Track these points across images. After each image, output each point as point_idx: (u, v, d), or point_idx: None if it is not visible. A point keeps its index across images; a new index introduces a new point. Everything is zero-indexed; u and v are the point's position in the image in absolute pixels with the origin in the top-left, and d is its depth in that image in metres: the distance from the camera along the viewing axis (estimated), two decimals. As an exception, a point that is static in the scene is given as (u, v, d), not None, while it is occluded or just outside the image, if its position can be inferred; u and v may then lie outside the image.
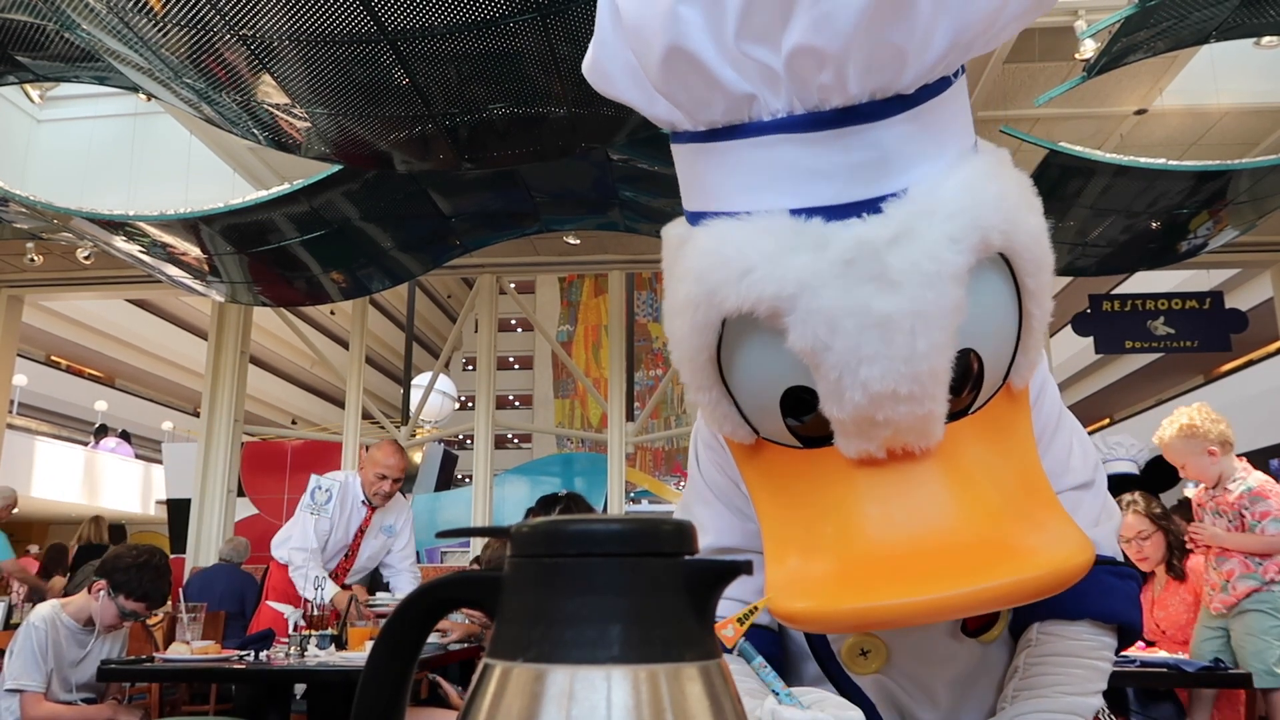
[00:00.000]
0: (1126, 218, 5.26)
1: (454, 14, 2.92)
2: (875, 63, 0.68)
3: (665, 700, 0.42)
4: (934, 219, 0.71)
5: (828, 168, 0.72)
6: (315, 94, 3.38)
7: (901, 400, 0.73)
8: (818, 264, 0.70)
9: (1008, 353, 0.81)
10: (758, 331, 0.76)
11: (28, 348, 15.06)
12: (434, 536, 4.12)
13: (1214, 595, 3.40)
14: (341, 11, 2.85)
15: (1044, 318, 0.82)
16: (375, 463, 3.90)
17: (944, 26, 0.68)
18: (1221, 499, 3.41)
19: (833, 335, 0.71)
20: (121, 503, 16.26)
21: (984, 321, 0.77)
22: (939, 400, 0.75)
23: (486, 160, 4.09)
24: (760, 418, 0.83)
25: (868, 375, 0.71)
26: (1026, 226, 0.77)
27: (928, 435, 0.77)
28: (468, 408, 13.34)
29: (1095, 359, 15.34)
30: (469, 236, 5.88)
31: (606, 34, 0.76)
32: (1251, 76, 5.97)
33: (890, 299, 0.70)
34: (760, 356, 0.78)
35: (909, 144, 0.72)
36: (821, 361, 0.72)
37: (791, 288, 0.71)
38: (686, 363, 0.82)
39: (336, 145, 3.89)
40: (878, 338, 0.70)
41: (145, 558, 2.98)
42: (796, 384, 0.77)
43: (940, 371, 0.73)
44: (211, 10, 2.84)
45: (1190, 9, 3.80)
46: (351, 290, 6.62)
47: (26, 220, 5.38)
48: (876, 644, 0.95)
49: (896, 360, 0.71)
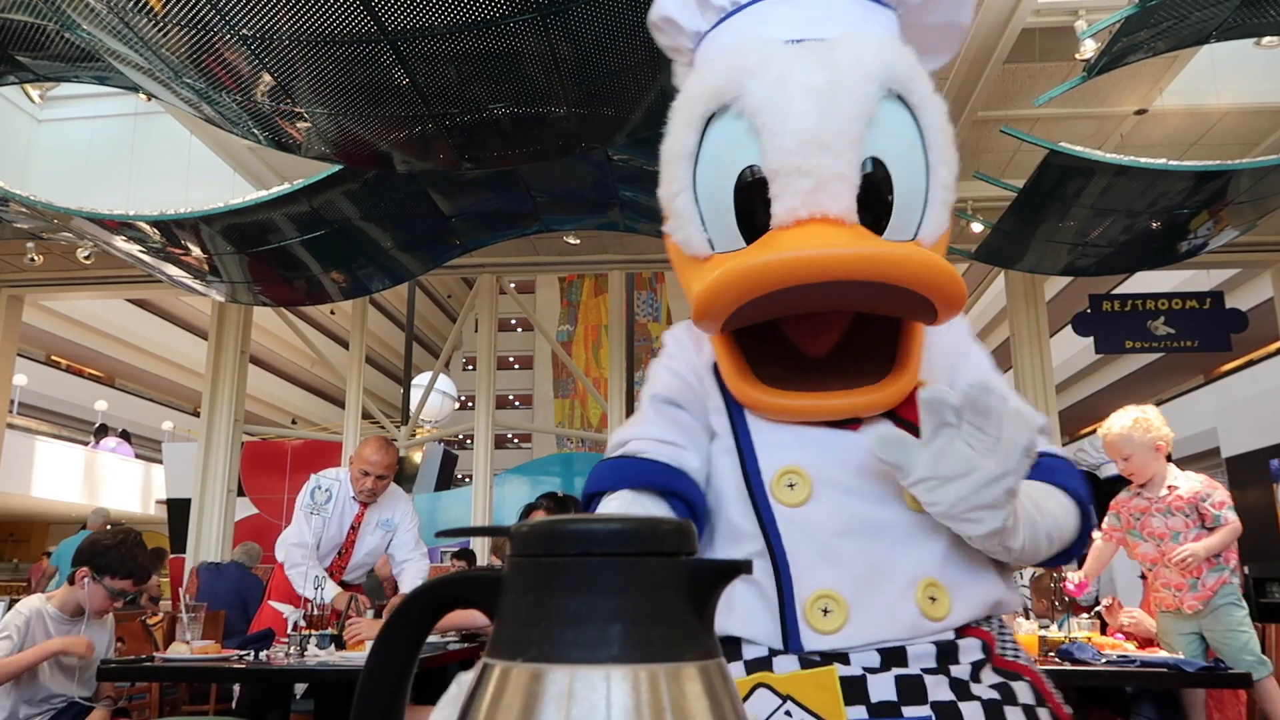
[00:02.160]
0: (1127, 218, 5.26)
1: (454, 14, 2.92)
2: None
3: (665, 700, 0.42)
4: (863, 44, 1.02)
5: (797, 18, 1.06)
6: (315, 94, 3.38)
7: (822, 148, 0.96)
8: (781, 52, 1.02)
9: (917, 196, 1.03)
10: (727, 130, 1.02)
11: (28, 348, 15.06)
12: (434, 536, 4.13)
13: (1182, 595, 3.40)
14: (341, 11, 2.85)
15: (948, 181, 1.05)
16: (360, 459, 3.87)
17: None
18: (1169, 499, 3.43)
19: (781, 93, 0.98)
20: (121, 503, 16.26)
21: (891, 140, 1.01)
22: (848, 161, 0.97)
23: (486, 160, 4.09)
24: (716, 218, 1.04)
25: (799, 125, 0.97)
26: (922, 84, 1.04)
27: (840, 198, 0.97)
28: (468, 408, 13.35)
29: (1095, 359, 15.34)
30: (469, 236, 5.88)
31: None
32: (1251, 76, 5.97)
33: (823, 75, 0.98)
34: (724, 144, 1.03)
35: (848, 12, 1.07)
36: (769, 118, 0.98)
37: (761, 63, 1.00)
38: (672, 161, 1.06)
39: (336, 145, 3.89)
40: (810, 98, 0.97)
41: (122, 536, 3.01)
42: (749, 163, 1.00)
43: (851, 134, 0.97)
44: (211, 10, 2.84)
45: (1190, 9, 3.80)
46: (351, 290, 6.63)
47: (26, 220, 5.39)
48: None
49: (821, 115, 0.97)
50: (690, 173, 1.05)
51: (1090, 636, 3.16)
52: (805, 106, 0.97)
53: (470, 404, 9.18)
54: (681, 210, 1.06)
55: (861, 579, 0.99)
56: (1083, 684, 3.10)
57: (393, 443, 4.07)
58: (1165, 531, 3.43)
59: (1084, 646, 2.93)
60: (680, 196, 1.06)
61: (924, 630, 0.98)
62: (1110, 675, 2.84)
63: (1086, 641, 3.01)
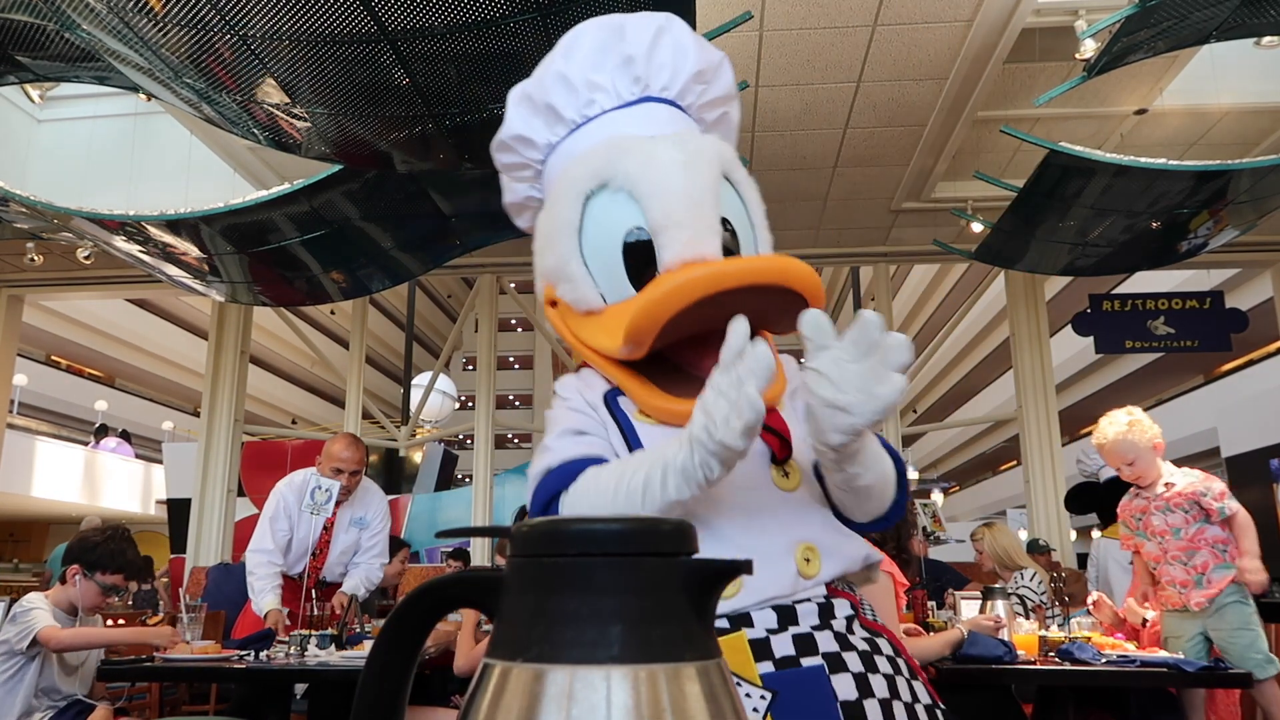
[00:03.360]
0: (1127, 218, 5.26)
1: (454, 14, 2.92)
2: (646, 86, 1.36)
3: (664, 700, 0.42)
4: (700, 138, 1.30)
5: (639, 122, 1.31)
6: (315, 94, 3.38)
7: (695, 205, 1.19)
8: (645, 140, 1.25)
9: (750, 250, 1.28)
10: (608, 201, 1.23)
11: (28, 348, 15.07)
12: (434, 536, 4.12)
13: (1188, 593, 3.37)
14: (341, 11, 2.85)
15: (766, 236, 1.31)
16: (331, 457, 3.81)
17: (665, 75, 1.35)
18: (1167, 496, 3.41)
19: (655, 166, 1.21)
20: (121, 503, 16.26)
21: (730, 207, 1.26)
22: (713, 215, 1.21)
23: (486, 160, 4.07)
24: (606, 274, 1.23)
25: (675, 189, 1.20)
26: (741, 173, 1.30)
27: (711, 243, 1.19)
28: (468, 408, 13.35)
29: (1095, 359, 15.35)
30: (469, 236, 5.88)
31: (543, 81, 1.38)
32: (1251, 76, 5.97)
33: (683, 154, 1.22)
34: (608, 213, 1.23)
35: (672, 120, 1.34)
36: (647, 186, 1.20)
37: (633, 147, 1.24)
38: (558, 233, 1.26)
39: (336, 145, 3.89)
40: (679, 169, 1.21)
41: (110, 532, 3.01)
42: (633, 224, 1.21)
43: (710, 195, 1.22)
44: (211, 10, 2.84)
45: (1190, 9, 3.80)
46: (351, 290, 6.62)
47: (26, 220, 5.38)
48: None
49: (689, 181, 1.20)
50: (576, 241, 1.25)
51: (1090, 636, 3.16)
52: (676, 174, 1.20)
53: (470, 404, 9.18)
54: (575, 273, 1.25)
55: (747, 550, 1.15)
56: (1082, 684, 3.10)
57: (360, 439, 4.03)
58: (1166, 529, 3.41)
59: (1084, 646, 2.93)
60: (571, 262, 1.25)
61: (802, 587, 1.18)
62: (1110, 675, 2.84)
63: (1086, 641, 3.01)
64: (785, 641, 1.15)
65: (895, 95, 5.18)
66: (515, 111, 1.42)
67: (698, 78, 1.38)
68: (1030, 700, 3.36)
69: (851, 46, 4.74)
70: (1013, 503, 15.51)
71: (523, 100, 1.41)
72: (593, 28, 1.36)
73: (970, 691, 2.90)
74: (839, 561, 1.21)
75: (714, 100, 1.42)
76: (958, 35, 4.73)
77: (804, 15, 4.48)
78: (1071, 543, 7.41)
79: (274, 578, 3.72)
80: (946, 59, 4.92)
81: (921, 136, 5.69)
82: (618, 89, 1.35)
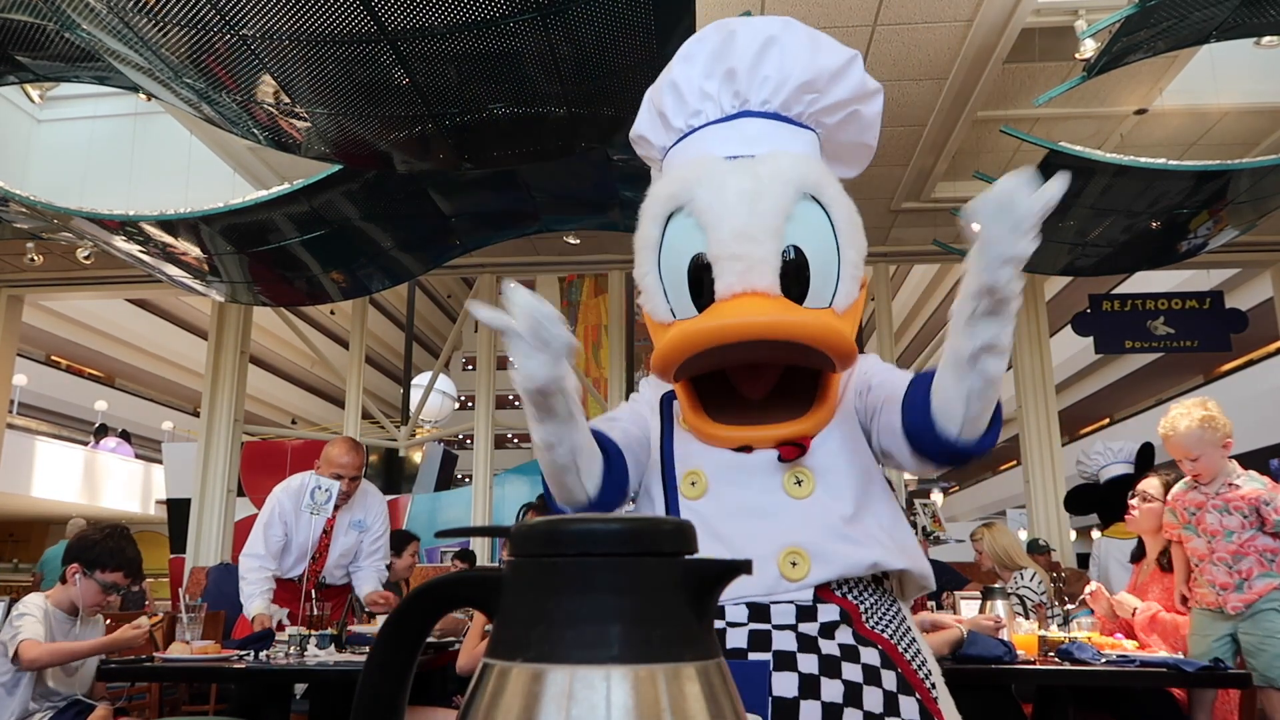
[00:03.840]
0: (1126, 218, 5.25)
1: (454, 14, 2.92)
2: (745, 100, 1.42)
3: (664, 700, 0.42)
4: (782, 159, 1.33)
5: (734, 138, 1.38)
6: (315, 94, 3.38)
7: (750, 240, 1.27)
8: (719, 165, 1.34)
9: (830, 274, 1.33)
10: (682, 226, 1.34)
11: (28, 348, 15.06)
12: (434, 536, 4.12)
13: (1226, 595, 3.31)
14: (341, 11, 2.85)
15: (855, 261, 1.36)
16: (330, 462, 3.80)
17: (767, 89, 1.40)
18: (1227, 495, 3.33)
19: (720, 197, 1.30)
20: (121, 503, 16.25)
21: (807, 232, 1.31)
22: (770, 249, 1.27)
23: (486, 160, 4.08)
24: (675, 293, 1.35)
25: (733, 222, 1.28)
26: (830, 188, 1.35)
27: (764, 277, 1.27)
28: (468, 408, 13.34)
29: (1095, 359, 15.34)
30: (469, 236, 5.88)
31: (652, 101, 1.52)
32: (1251, 76, 5.96)
33: (750, 183, 1.29)
34: (680, 237, 1.34)
35: (774, 134, 1.39)
36: (711, 216, 1.30)
37: (705, 175, 1.33)
38: (641, 249, 1.39)
39: (336, 145, 3.89)
40: (741, 201, 1.29)
41: (109, 530, 3.00)
42: (697, 251, 1.31)
43: (772, 228, 1.28)
44: (211, 10, 2.84)
45: (1190, 9, 3.80)
46: (351, 290, 6.62)
47: (26, 220, 5.38)
48: (699, 475, 1.34)
49: (749, 215, 1.28)
50: (655, 258, 1.37)
51: (1090, 636, 3.15)
52: (737, 208, 1.29)
53: (470, 404, 9.17)
54: (650, 287, 1.38)
55: (736, 549, 1.24)
56: (1082, 684, 3.10)
57: (359, 443, 4.02)
58: (1219, 529, 3.31)
59: (1084, 646, 2.93)
60: (648, 277, 1.38)
61: (781, 589, 1.23)
62: (1110, 675, 2.84)
63: (1086, 641, 3.01)
64: (741, 635, 1.21)
65: (895, 95, 5.17)
66: (642, 111, 1.53)
67: (805, 88, 1.41)
68: (1030, 700, 3.36)
69: (851, 46, 4.73)
70: (1013, 503, 15.50)
71: (647, 102, 1.52)
72: (710, 34, 1.43)
73: (970, 691, 2.90)
74: (833, 567, 1.24)
75: (833, 105, 1.44)
76: (958, 35, 4.73)
77: (803, 15, 4.48)
78: (1071, 543, 7.41)
79: (264, 583, 3.71)
80: (946, 59, 4.92)
81: (921, 136, 5.69)
82: (720, 102, 1.41)
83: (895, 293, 12.67)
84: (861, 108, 1.47)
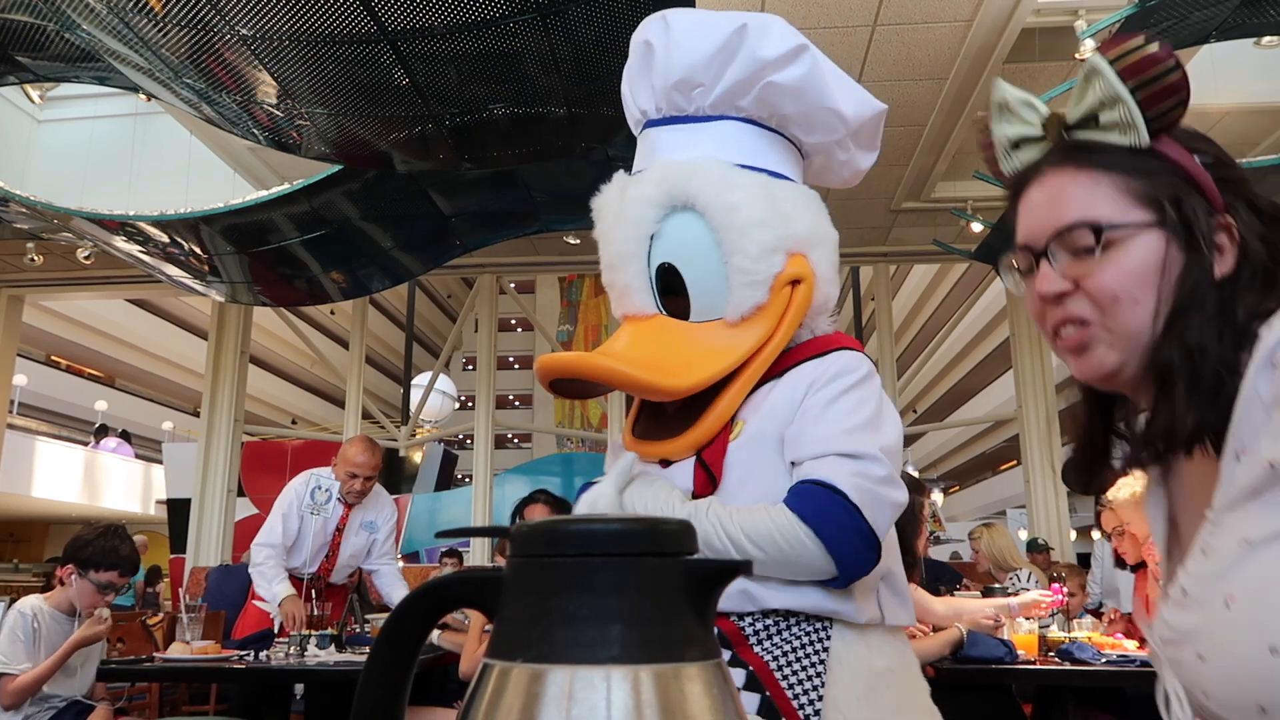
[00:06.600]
0: (1126, 218, 5.25)
1: (454, 14, 2.92)
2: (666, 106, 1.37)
3: (665, 700, 0.42)
4: (652, 173, 1.30)
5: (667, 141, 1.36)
6: (315, 94, 3.38)
7: (613, 269, 1.30)
8: (614, 187, 1.37)
9: (715, 284, 1.25)
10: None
11: (28, 348, 15.06)
12: (434, 536, 4.11)
13: None
14: (341, 11, 2.85)
15: (742, 261, 1.23)
16: (347, 461, 3.81)
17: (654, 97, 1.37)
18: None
19: (602, 224, 1.35)
20: (121, 503, 16.25)
21: (679, 246, 1.26)
22: (633, 272, 1.27)
23: (486, 160, 4.08)
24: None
25: (606, 249, 1.31)
26: (713, 196, 1.24)
27: (635, 301, 1.28)
28: (468, 408, 13.35)
29: (1095, 359, 15.29)
30: (469, 236, 5.88)
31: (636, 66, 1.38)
32: (1251, 76, 5.96)
33: (616, 206, 1.31)
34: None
35: (673, 141, 1.33)
36: (600, 242, 1.34)
37: (599, 202, 1.39)
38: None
39: (336, 145, 3.89)
40: (610, 226, 1.31)
41: (103, 529, 3.00)
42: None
43: (629, 253, 1.27)
44: (211, 10, 2.84)
45: (1190, 9, 3.80)
46: (351, 290, 6.62)
47: (26, 220, 5.38)
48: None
49: (614, 239, 1.29)
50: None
51: (1090, 636, 3.16)
52: (609, 234, 1.31)
53: (470, 404, 9.18)
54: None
55: None
56: (1082, 684, 3.09)
57: (377, 443, 4.03)
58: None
59: (1084, 646, 2.93)
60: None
61: None
62: (1110, 675, 2.84)
63: (1086, 641, 3.01)
64: None
65: (895, 95, 5.17)
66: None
67: (679, 87, 1.31)
68: (1030, 700, 3.36)
69: (851, 46, 4.74)
70: (1013, 502, 15.50)
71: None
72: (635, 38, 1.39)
73: (970, 691, 2.90)
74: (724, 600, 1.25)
75: (735, 88, 1.29)
76: (958, 35, 4.73)
77: (804, 15, 4.48)
78: (1071, 542, 7.41)
79: (281, 569, 3.71)
80: (946, 59, 4.92)
81: (921, 136, 5.69)
82: (632, 113, 1.42)
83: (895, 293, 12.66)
84: (775, 77, 1.28)
